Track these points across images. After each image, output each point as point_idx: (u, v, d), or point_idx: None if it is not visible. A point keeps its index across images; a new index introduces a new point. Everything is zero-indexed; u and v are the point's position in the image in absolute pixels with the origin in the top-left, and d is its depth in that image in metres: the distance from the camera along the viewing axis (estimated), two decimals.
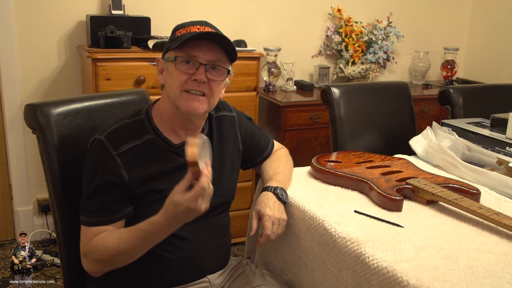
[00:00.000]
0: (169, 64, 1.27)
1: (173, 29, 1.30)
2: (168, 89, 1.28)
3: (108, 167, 1.23)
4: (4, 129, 2.67)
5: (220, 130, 1.41)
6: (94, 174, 1.25)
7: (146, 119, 1.30)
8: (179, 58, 1.24)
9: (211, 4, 2.92)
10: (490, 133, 1.80)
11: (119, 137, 1.26)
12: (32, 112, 1.36)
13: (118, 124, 1.28)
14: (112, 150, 1.23)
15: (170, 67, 1.26)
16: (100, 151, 1.24)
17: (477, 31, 3.66)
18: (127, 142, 1.25)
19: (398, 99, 2.19)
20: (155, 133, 1.29)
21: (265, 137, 1.57)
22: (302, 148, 2.83)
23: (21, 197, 2.80)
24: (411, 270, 1.05)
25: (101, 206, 1.24)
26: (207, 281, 1.37)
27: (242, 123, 1.49)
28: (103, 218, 1.24)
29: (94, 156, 1.26)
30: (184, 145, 1.25)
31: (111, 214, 1.24)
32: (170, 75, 1.26)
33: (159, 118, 1.31)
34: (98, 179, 1.24)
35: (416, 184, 1.42)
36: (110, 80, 2.32)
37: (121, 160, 1.23)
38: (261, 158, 1.55)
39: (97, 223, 1.24)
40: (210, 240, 1.36)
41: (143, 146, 1.26)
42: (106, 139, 1.25)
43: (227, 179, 1.40)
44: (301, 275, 1.38)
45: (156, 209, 1.21)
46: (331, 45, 3.23)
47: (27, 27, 2.59)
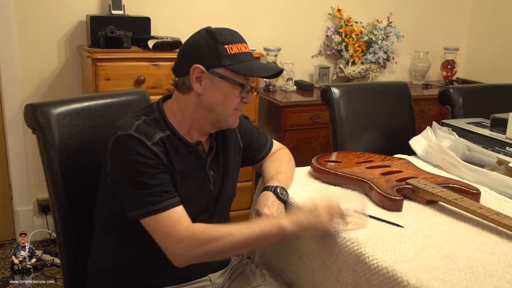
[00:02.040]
0: (220, 81, 1.25)
1: (217, 40, 1.25)
2: (214, 104, 1.27)
3: (150, 157, 1.20)
4: (4, 129, 2.67)
5: (224, 130, 1.41)
6: (137, 166, 1.19)
7: (161, 117, 1.29)
8: (247, 87, 1.28)
9: (211, 4, 2.92)
10: (490, 133, 1.80)
11: (147, 129, 1.23)
12: (32, 112, 1.36)
13: (140, 120, 1.25)
14: (147, 141, 1.20)
15: (223, 85, 1.26)
16: (135, 145, 1.20)
17: (477, 31, 3.66)
18: (155, 133, 1.24)
19: (398, 99, 2.19)
20: (171, 131, 1.29)
21: (262, 135, 1.58)
22: (302, 148, 2.83)
23: (21, 197, 2.80)
24: (411, 270, 1.05)
25: (161, 193, 1.19)
26: (208, 280, 1.37)
27: (240, 122, 1.48)
28: (169, 200, 1.19)
29: (129, 151, 1.20)
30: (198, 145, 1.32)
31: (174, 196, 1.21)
32: (223, 93, 1.26)
33: (174, 118, 1.30)
34: (145, 170, 1.19)
35: (416, 184, 1.42)
36: (110, 80, 2.32)
37: (158, 149, 1.22)
38: (260, 156, 1.55)
39: (167, 207, 1.18)
40: None
41: (166, 139, 1.26)
42: (136, 133, 1.21)
43: (229, 177, 1.41)
44: (301, 275, 1.38)
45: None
46: (331, 45, 3.23)
47: (27, 27, 2.59)
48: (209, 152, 1.35)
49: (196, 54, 1.26)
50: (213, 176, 1.35)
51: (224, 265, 1.43)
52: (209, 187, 1.34)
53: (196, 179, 1.31)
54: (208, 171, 1.34)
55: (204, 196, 1.33)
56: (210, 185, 1.34)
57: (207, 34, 1.26)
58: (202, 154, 1.33)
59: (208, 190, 1.34)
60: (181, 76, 1.28)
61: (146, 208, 1.18)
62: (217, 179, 1.36)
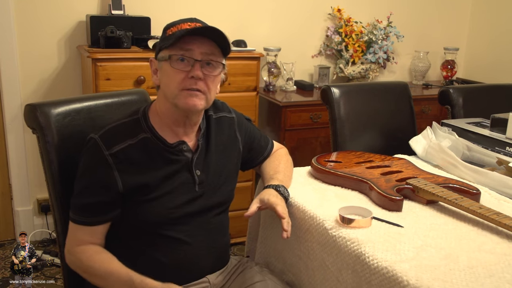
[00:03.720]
0: (163, 63, 1.26)
1: (164, 28, 1.30)
2: (165, 89, 1.27)
3: (100, 167, 1.24)
4: (4, 129, 2.67)
5: (219, 130, 1.41)
6: (85, 173, 1.26)
7: (143, 118, 1.30)
8: (174, 56, 1.23)
9: (211, 4, 2.92)
10: (490, 133, 1.80)
11: (114, 136, 1.26)
12: (32, 112, 1.36)
13: (114, 124, 1.29)
14: (105, 150, 1.23)
15: (165, 66, 1.26)
16: (93, 151, 1.25)
17: (477, 31, 3.66)
18: (121, 141, 1.25)
19: (398, 99, 2.19)
20: (151, 132, 1.28)
21: (264, 137, 1.57)
22: (302, 148, 2.83)
23: (21, 197, 2.80)
24: (411, 270, 1.05)
25: (88, 207, 1.25)
26: (206, 281, 1.37)
27: (241, 125, 1.49)
28: (88, 218, 1.26)
29: (87, 155, 1.27)
30: (180, 144, 1.29)
31: (97, 216, 1.26)
32: (166, 75, 1.26)
33: (156, 118, 1.31)
34: (88, 178, 1.25)
35: (416, 184, 1.42)
36: (110, 80, 2.32)
37: (113, 160, 1.23)
38: (261, 158, 1.55)
39: (82, 223, 1.26)
40: (209, 240, 1.36)
41: (137, 145, 1.27)
42: (100, 139, 1.25)
43: (226, 179, 1.40)
44: (301, 275, 1.38)
45: (147, 209, 1.24)
46: (331, 45, 3.23)
47: (27, 27, 2.59)
48: (195, 151, 1.33)
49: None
50: (199, 176, 1.32)
51: (222, 265, 1.43)
52: (193, 188, 1.32)
53: (179, 178, 1.30)
54: (194, 170, 1.32)
55: (186, 193, 1.31)
56: (195, 186, 1.32)
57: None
58: (186, 154, 1.31)
59: (191, 190, 1.31)
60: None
61: (70, 209, 1.28)
62: (204, 179, 1.33)
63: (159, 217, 1.27)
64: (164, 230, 1.29)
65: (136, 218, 1.27)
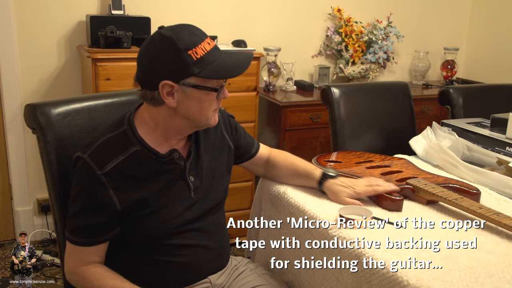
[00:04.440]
0: (193, 90, 1.20)
1: (179, 48, 1.16)
2: (191, 114, 1.22)
3: (94, 188, 1.20)
4: (4, 129, 2.67)
5: (206, 132, 1.37)
6: (79, 194, 1.23)
7: (130, 130, 1.25)
8: (221, 89, 1.23)
9: (211, 4, 2.92)
10: (490, 133, 1.80)
11: (103, 154, 1.21)
12: (32, 112, 1.36)
13: (101, 140, 1.24)
14: (97, 170, 1.19)
15: (197, 94, 1.20)
16: (85, 171, 1.21)
17: (477, 31, 3.66)
18: (112, 159, 1.21)
19: (398, 99, 2.19)
20: (141, 145, 1.24)
21: (248, 135, 1.54)
22: (302, 148, 2.83)
23: (21, 197, 2.80)
24: (411, 270, 1.05)
25: (86, 228, 1.23)
26: (208, 282, 1.37)
27: (226, 122, 1.46)
28: (87, 239, 1.24)
29: (79, 176, 1.23)
30: (172, 153, 1.27)
31: (95, 237, 1.24)
32: (198, 101, 1.21)
33: (144, 127, 1.26)
34: (84, 200, 1.22)
35: (416, 184, 1.42)
36: (110, 80, 2.32)
37: (106, 180, 1.20)
38: (249, 154, 1.52)
39: (82, 244, 1.24)
40: (209, 241, 1.36)
41: (129, 159, 1.22)
42: (90, 158, 1.20)
43: (218, 180, 1.39)
44: (301, 275, 1.38)
45: (148, 223, 1.23)
46: (331, 45, 3.23)
47: (27, 27, 2.59)
48: (187, 157, 1.31)
49: (161, 69, 1.19)
50: (193, 182, 1.31)
51: (223, 265, 1.43)
52: (189, 194, 1.30)
53: (175, 187, 1.28)
54: (188, 177, 1.30)
55: (183, 202, 1.29)
56: (191, 192, 1.30)
57: (165, 43, 1.17)
58: (179, 162, 1.29)
59: (188, 197, 1.30)
60: (150, 90, 1.22)
61: (66, 229, 1.26)
62: (198, 184, 1.32)
63: (160, 229, 1.27)
64: (165, 240, 1.29)
65: (137, 233, 1.26)
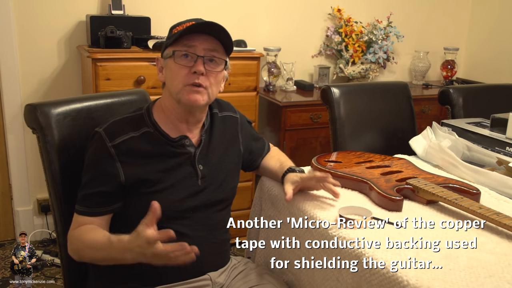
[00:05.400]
0: (168, 60, 1.30)
1: (170, 28, 1.34)
2: (169, 85, 1.31)
3: (103, 158, 1.27)
4: (4, 129, 2.67)
5: (223, 129, 1.44)
6: (90, 165, 1.29)
7: (146, 113, 1.34)
8: (178, 53, 1.27)
9: (211, 4, 2.92)
10: (490, 133, 1.80)
11: (117, 129, 1.30)
12: (32, 112, 1.36)
13: (119, 118, 1.33)
14: (108, 142, 1.27)
15: (170, 63, 1.30)
16: (98, 144, 1.28)
17: (477, 31, 3.66)
18: (124, 134, 1.29)
19: (398, 99, 2.19)
20: (153, 127, 1.32)
21: (261, 139, 1.61)
22: (302, 148, 2.83)
23: (21, 197, 2.80)
24: (411, 270, 1.05)
25: (90, 197, 1.28)
26: (208, 279, 1.37)
27: (243, 126, 1.52)
28: (89, 209, 1.28)
29: (92, 148, 1.30)
30: (182, 139, 1.32)
31: (97, 207, 1.28)
32: (170, 71, 1.30)
33: (160, 113, 1.34)
34: (92, 170, 1.29)
35: (416, 184, 1.42)
36: (110, 80, 2.32)
37: (115, 152, 1.27)
38: (260, 160, 1.58)
39: (83, 213, 1.28)
40: (210, 235, 1.37)
41: (140, 138, 1.30)
42: (104, 132, 1.28)
43: (227, 177, 1.42)
44: (301, 275, 1.38)
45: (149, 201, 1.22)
46: (331, 45, 3.23)
47: (27, 27, 2.59)
48: (198, 146, 1.36)
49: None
50: (202, 171, 1.35)
51: (223, 263, 1.43)
52: (196, 182, 1.34)
53: (182, 171, 1.33)
54: (197, 165, 1.35)
55: (188, 187, 1.33)
56: (198, 180, 1.34)
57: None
58: (189, 148, 1.34)
59: (194, 183, 1.34)
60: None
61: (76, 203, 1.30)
62: (206, 173, 1.36)
63: (163, 210, 1.27)
64: (167, 224, 1.28)
65: (140, 212, 1.26)
